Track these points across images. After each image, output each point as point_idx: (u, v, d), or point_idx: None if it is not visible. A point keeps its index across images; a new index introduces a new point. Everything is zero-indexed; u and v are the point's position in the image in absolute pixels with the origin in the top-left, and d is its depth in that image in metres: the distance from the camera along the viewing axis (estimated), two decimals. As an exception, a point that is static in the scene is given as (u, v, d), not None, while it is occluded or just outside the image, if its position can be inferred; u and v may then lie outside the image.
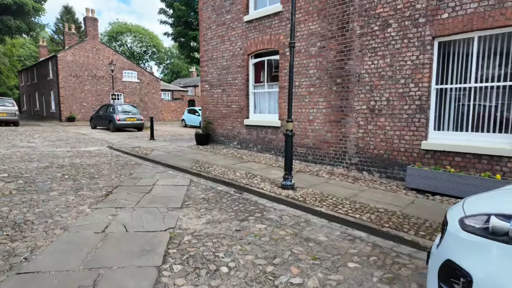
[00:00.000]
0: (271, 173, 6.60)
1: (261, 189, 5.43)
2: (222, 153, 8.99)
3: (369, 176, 6.44)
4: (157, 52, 71.35)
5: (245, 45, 9.13)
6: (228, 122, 10.04)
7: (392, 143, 6.20)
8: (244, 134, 9.46)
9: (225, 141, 10.24)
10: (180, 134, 16.48)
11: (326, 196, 5.05)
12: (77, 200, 4.85)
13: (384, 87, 6.24)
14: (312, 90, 7.48)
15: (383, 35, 6.20)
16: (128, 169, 7.21)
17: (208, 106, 10.76)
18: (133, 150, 9.68)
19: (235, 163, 7.69)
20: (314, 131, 7.50)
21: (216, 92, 10.37)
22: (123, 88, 28.75)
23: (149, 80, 30.61)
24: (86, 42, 26.31)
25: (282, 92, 8.15)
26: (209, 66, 10.51)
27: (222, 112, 10.20)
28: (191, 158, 8.26)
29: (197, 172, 6.72)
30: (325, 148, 7.31)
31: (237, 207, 4.74)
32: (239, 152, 9.10)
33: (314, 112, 7.48)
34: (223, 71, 9.98)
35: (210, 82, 10.57)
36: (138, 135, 15.33)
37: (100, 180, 6.15)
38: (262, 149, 8.91)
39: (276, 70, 8.64)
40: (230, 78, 9.77)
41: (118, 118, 16.80)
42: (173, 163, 7.63)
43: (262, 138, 8.88)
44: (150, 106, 30.45)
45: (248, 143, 9.36)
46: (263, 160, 8.04)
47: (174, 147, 10.44)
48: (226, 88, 9.94)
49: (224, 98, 10.06)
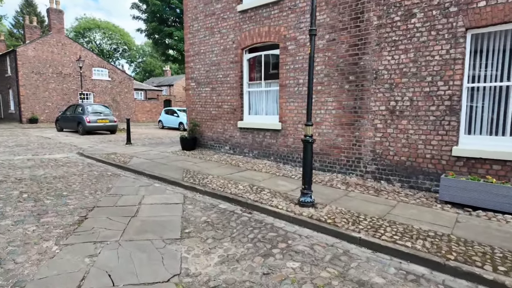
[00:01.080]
0: (279, 185, 5.66)
1: (275, 207, 4.47)
2: (214, 160, 7.93)
3: (389, 186, 5.68)
4: (129, 50, 68.38)
5: (238, 38, 8.13)
6: (218, 125, 8.98)
7: (416, 148, 5.47)
8: (238, 138, 8.45)
9: (215, 146, 9.17)
10: (159, 137, 15.13)
11: (356, 216, 4.19)
12: (39, 231, 3.64)
13: (406, 86, 5.50)
14: (319, 89, 6.63)
15: (405, 27, 5.46)
16: (105, 183, 5.99)
17: (195, 107, 9.64)
18: (108, 157, 8.37)
19: (233, 172, 6.67)
20: (322, 135, 6.65)
21: (204, 90, 9.28)
22: (93, 87, 26.65)
23: (121, 78, 28.65)
24: (50, 36, 24.01)
25: (284, 91, 7.24)
26: (196, 62, 9.40)
27: (212, 113, 9.13)
28: (179, 167, 7.13)
29: (191, 185, 5.64)
30: (335, 154, 6.48)
31: (252, 233, 3.75)
32: (233, 159, 8.08)
33: (321, 113, 6.63)
34: (213, 67, 8.91)
35: (197, 79, 9.45)
36: (112, 139, 13.83)
37: (70, 199, 4.92)
38: (259, 155, 7.95)
39: (275, 67, 7.72)
40: (220, 75, 8.72)
41: (89, 120, 15.15)
42: (159, 173, 6.48)
43: (259, 142, 7.92)
44: (122, 106, 28.50)
45: (242, 148, 8.37)
46: (263, 168, 7.08)
47: (156, 153, 9.22)
48: (216, 87, 8.88)
49: (214, 98, 8.99)
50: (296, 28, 6.89)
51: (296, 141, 7.09)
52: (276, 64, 7.62)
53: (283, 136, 7.35)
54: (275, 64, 7.67)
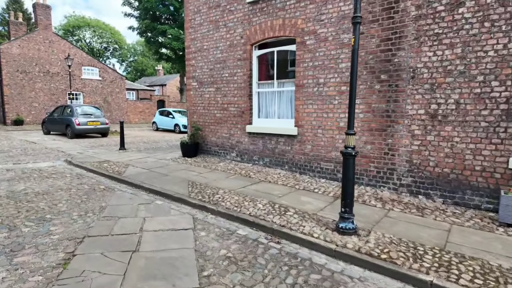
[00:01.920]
0: (304, 203, 4.84)
1: (310, 235, 3.65)
2: (220, 169, 7.06)
3: (430, 203, 4.91)
4: (119, 48, 66.89)
5: (247, 32, 7.28)
6: (223, 129, 8.11)
7: (462, 159, 4.71)
8: (246, 143, 7.60)
9: (220, 152, 8.30)
10: (155, 141, 14.16)
11: (412, 246, 3.39)
12: (10, 281, 2.74)
13: (452, 86, 4.73)
14: (344, 90, 5.83)
15: (451, 17, 4.69)
16: (98, 200, 5.07)
17: (197, 109, 8.75)
18: (100, 166, 7.43)
19: (245, 184, 5.82)
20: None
21: (207, 91, 8.40)
22: (83, 87, 25.43)
23: (112, 77, 27.48)
24: (37, 33, 22.74)
25: (301, 91, 6.42)
26: (198, 59, 8.51)
27: (216, 116, 8.25)
28: (182, 178, 6.25)
29: (200, 203, 4.77)
30: (363, 164, 5.69)
31: (290, 276, 2.92)
32: (242, 167, 7.23)
33: (346, 117, 5.83)
34: (217, 65, 8.04)
35: (200, 79, 8.57)
36: (104, 143, 12.82)
37: (55, 224, 4.01)
38: (271, 163, 7.12)
39: (290, 65, 6.90)
40: (226, 74, 7.85)
41: (78, 122, 14.09)
42: (161, 187, 5.59)
43: (271, 149, 7.09)
44: (114, 107, 27.33)
45: (251, 155, 7.52)
46: (278, 179, 6.25)
47: (154, 160, 8.30)
48: (222, 87, 8.01)
49: (219, 99, 8.12)
50: (316, 21, 6.08)
51: (315, 148, 6.28)
52: (291, 62, 6.80)
53: (299, 143, 6.53)
54: (290, 61, 6.85)
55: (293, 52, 6.60)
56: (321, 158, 6.22)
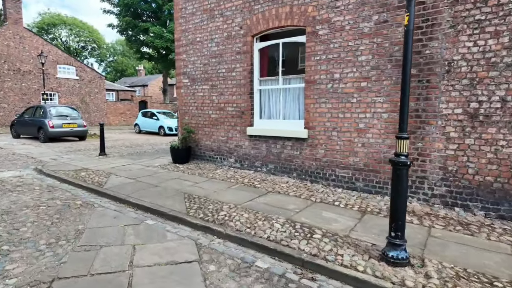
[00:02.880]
0: (327, 220, 4.04)
1: (353, 268, 2.85)
2: (218, 178, 6.16)
3: (470, 216, 4.23)
4: (98, 48, 64.44)
5: (248, 22, 6.44)
6: (220, 131, 7.22)
7: (510, 166, 4.06)
8: (247, 148, 6.74)
9: (216, 158, 7.39)
10: (138, 144, 13.04)
11: (487, 281, 2.65)
12: None
13: (497, 81, 4.07)
14: (364, 86, 5.09)
15: (496, 1, 4.04)
16: (73, 221, 4.08)
17: (189, 109, 7.80)
18: (77, 176, 6.36)
19: (252, 196, 4.96)
20: (367, 145, 5.12)
21: (201, 89, 7.48)
22: (58, 86, 23.75)
23: (91, 77, 25.88)
24: (6, 28, 20.96)
25: (312, 89, 5.64)
26: (190, 53, 7.58)
27: (211, 117, 7.35)
28: (176, 190, 5.32)
29: (203, 223, 3.88)
30: (387, 172, 4.96)
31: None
32: (243, 175, 6.37)
33: (367, 117, 5.10)
34: (212, 59, 7.14)
35: (192, 75, 7.64)
36: (81, 147, 11.60)
37: (13, 260, 3.02)
38: (276, 170, 6.29)
39: (298, 58, 6.12)
40: (223, 70, 6.97)
41: (52, 125, 12.77)
42: (151, 202, 4.65)
43: (276, 154, 6.26)
44: (92, 108, 25.73)
45: (253, 160, 6.66)
46: (288, 189, 5.43)
47: (139, 167, 7.29)
48: (217, 84, 7.12)
49: (214, 98, 7.22)
50: (331, 8, 5.33)
51: (329, 153, 5.52)
52: (299, 55, 6.02)
53: (310, 147, 5.74)
54: (298, 54, 6.07)
55: (302, 44, 5.82)
56: (336, 165, 5.46)
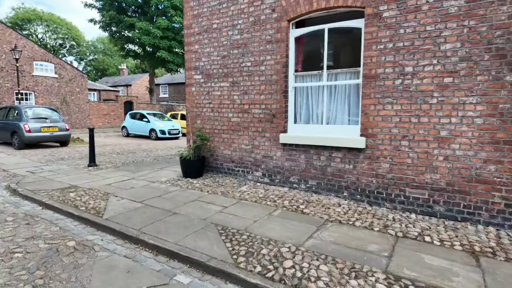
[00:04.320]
0: (441, 272, 2.83)
1: None
2: (248, 198, 4.86)
3: None
4: (77, 46, 61.40)
5: (283, 2, 5.19)
6: (243, 138, 5.92)
7: None
8: (279, 159, 5.48)
9: (237, 171, 6.08)
10: (130, 151, 11.50)
11: None
12: None
13: None
14: (449, 82, 3.96)
15: None
16: (66, 282, 2.70)
17: (202, 111, 6.46)
18: (64, 198, 4.91)
19: (310, 230, 3.70)
20: (452, 159, 3.98)
21: (218, 87, 6.15)
22: (34, 85, 21.63)
23: (71, 75, 23.83)
24: (-26, 20, 18.77)
25: (373, 85, 4.46)
26: (204, 43, 6.24)
27: (232, 121, 6.04)
28: (203, 220, 3.99)
29: (267, 285, 2.60)
30: (481, 193, 3.84)
31: None
32: (277, 194, 5.10)
33: (452, 123, 3.97)
34: (234, 50, 5.84)
35: (206, 70, 6.30)
36: (64, 155, 9.97)
37: None
38: (319, 188, 5.07)
39: (350, 48, 4.94)
40: (248, 63, 5.69)
41: (28, 128, 11.05)
42: (176, 243, 3.31)
43: (319, 168, 5.04)
44: (73, 109, 23.69)
45: (287, 175, 5.41)
46: (346, 214, 4.21)
47: (144, 184, 5.89)
48: (241, 80, 5.83)
49: (236, 98, 5.92)
50: (401, -18, 4.17)
51: (397, 168, 4.35)
52: (352, 44, 4.84)
53: (369, 159, 4.56)
54: (351, 43, 4.89)
55: (358, 30, 4.64)
56: (406, 183, 4.29)
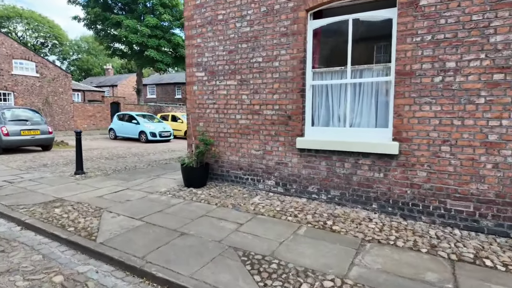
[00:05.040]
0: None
1: None
2: (265, 212, 4.25)
3: None
4: (60, 45, 59.33)
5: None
6: (253, 143, 5.30)
7: None
8: (295, 166, 4.89)
9: (245, 179, 5.45)
10: (120, 155, 10.69)
11: None
12: None
13: None
14: (499, 79, 3.47)
15: None
16: None
17: (205, 112, 5.80)
18: (49, 215, 4.17)
19: (349, 254, 3.11)
20: (503, 167, 3.49)
21: (223, 85, 5.52)
22: (14, 85, 20.37)
23: (54, 74, 22.62)
24: None
25: (407, 83, 3.94)
26: (208, 37, 5.60)
27: (240, 123, 5.41)
28: (219, 242, 3.35)
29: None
30: (539, 205, 3.36)
31: None
32: (295, 206, 4.51)
33: (503, 126, 3.48)
34: (243, 44, 5.23)
35: (210, 66, 5.65)
36: (47, 161, 9.09)
37: None
38: (344, 199, 4.51)
39: (378, 41, 4.41)
40: (259, 59, 5.08)
41: (7, 131, 10.09)
42: (192, 276, 2.67)
43: (344, 176, 4.48)
44: (56, 110, 22.48)
45: (304, 184, 4.83)
46: (382, 231, 3.65)
47: (141, 195, 5.18)
48: (250, 78, 5.22)
49: (245, 97, 5.30)
50: (443, -35, 3.66)
51: (436, 176, 3.83)
52: (381, 37, 4.31)
53: (402, 167, 4.03)
54: (380, 36, 4.36)
55: (388, 21, 4.11)
56: (447, 194, 3.78)
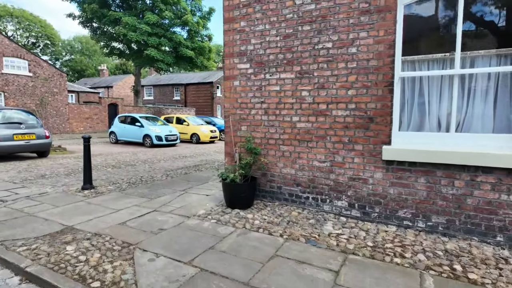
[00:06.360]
0: None
1: None
2: (357, 249, 3.13)
3: None
4: (52, 45, 57.61)
5: (390, -47, 3.54)
6: (316, 152, 4.17)
7: None
8: (378, 183, 3.78)
9: (304, 198, 4.32)
10: (128, 163, 9.46)
11: None
12: None
13: None
14: None
15: None
16: None
17: (250, 113, 4.66)
18: (58, 257, 2.97)
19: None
20: None
21: (275, 79, 4.39)
22: (4, 85, 18.94)
23: (48, 74, 21.23)
24: None
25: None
26: (255, 19, 4.47)
27: (297, 127, 4.28)
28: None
29: None
30: None
31: None
32: (385, 237, 3.40)
33: None
34: (304, 27, 4.11)
35: (257, 56, 4.52)
36: (45, 171, 7.82)
37: None
38: (451, 228, 3.41)
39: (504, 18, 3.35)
40: (328, 44, 3.97)
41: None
42: None
43: (452, 198, 3.38)
44: (51, 112, 21.08)
45: (393, 207, 3.71)
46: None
47: (175, 221, 4.01)
48: (313, 69, 4.09)
49: (306, 94, 4.18)
50: None
51: None
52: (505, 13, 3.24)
53: (546, 187, 2.95)
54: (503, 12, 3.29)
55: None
56: None
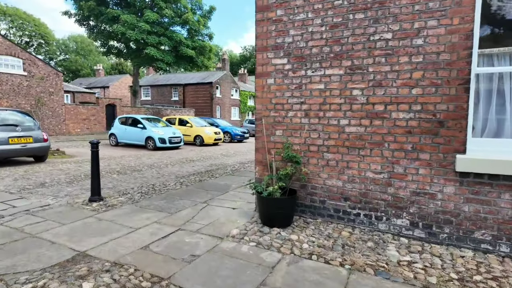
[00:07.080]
0: None
1: None
2: (439, 281, 2.55)
3: None
4: (46, 44, 56.55)
5: None
6: (369, 161, 3.57)
7: None
8: (449, 199, 3.20)
9: (354, 214, 3.72)
10: (133, 168, 8.79)
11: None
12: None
13: None
14: None
15: None
16: None
17: (287, 116, 4.04)
18: (69, 297, 2.36)
19: None
20: None
21: (319, 76, 3.78)
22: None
23: (44, 73, 20.41)
24: None
25: None
26: (294, 7, 3.86)
27: (345, 131, 3.68)
28: None
29: None
30: None
31: None
32: (462, 262, 2.82)
33: None
34: (357, 14, 3.52)
35: (296, 49, 3.90)
36: (45, 178, 7.12)
37: None
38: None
39: None
40: (387, 34, 3.38)
41: (-10, 140, 8.10)
42: None
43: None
44: (46, 113, 20.26)
45: (466, 228, 3.13)
46: None
47: (207, 245, 3.38)
48: (368, 64, 3.50)
49: (357, 93, 3.58)
50: None
51: None
52: None
53: None
54: None
55: None
56: None
